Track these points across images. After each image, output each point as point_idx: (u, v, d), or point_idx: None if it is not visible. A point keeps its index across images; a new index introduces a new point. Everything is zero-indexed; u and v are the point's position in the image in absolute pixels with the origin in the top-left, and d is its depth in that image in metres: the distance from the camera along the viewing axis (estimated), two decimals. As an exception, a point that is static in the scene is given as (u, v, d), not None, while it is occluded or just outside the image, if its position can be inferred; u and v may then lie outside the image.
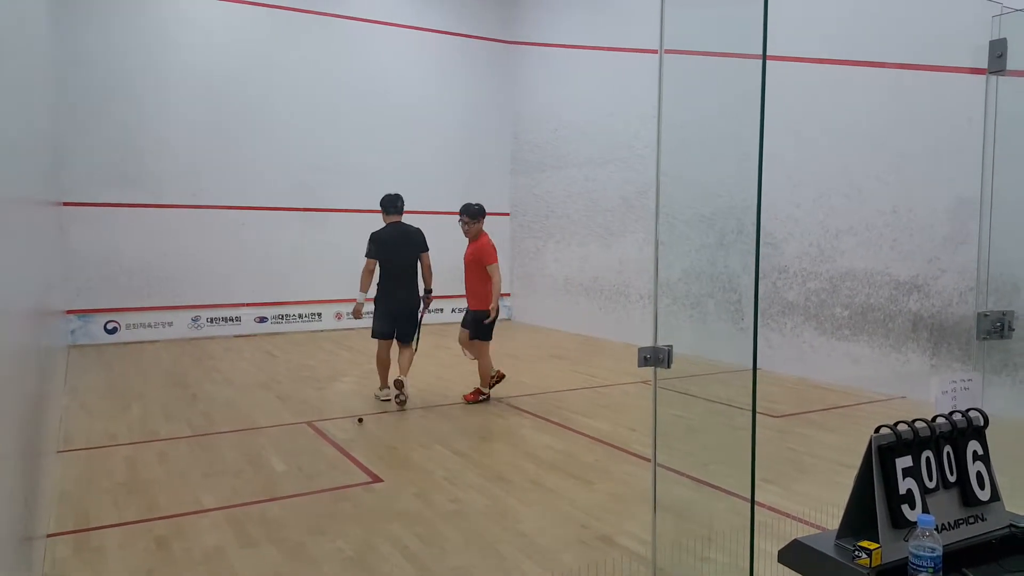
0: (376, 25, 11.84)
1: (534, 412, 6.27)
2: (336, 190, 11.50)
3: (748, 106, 2.20)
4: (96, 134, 9.89)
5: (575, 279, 11.53)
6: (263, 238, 11.01)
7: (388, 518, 3.90)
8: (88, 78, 9.82)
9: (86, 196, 9.80)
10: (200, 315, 10.61)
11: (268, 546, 3.57)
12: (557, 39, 11.87)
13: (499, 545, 3.59)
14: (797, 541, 1.73)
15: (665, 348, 2.42)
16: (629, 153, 10.29)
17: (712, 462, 4.36)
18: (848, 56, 7.27)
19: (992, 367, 4.51)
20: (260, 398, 6.80)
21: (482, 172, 12.77)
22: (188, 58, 10.46)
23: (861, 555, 1.57)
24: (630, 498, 4.24)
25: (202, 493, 4.30)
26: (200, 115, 10.56)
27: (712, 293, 7.95)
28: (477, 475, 4.61)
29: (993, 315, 2.78)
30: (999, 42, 2.74)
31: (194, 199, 10.58)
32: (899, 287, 6.92)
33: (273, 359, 8.99)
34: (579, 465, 4.84)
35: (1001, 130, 2.78)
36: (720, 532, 3.48)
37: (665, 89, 2.34)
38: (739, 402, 5.81)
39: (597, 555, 3.46)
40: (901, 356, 6.90)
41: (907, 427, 1.71)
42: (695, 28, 2.74)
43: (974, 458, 1.79)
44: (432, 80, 12.33)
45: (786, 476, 4.55)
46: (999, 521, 1.78)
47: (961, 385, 1.91)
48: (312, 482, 4.52)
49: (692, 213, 5.55)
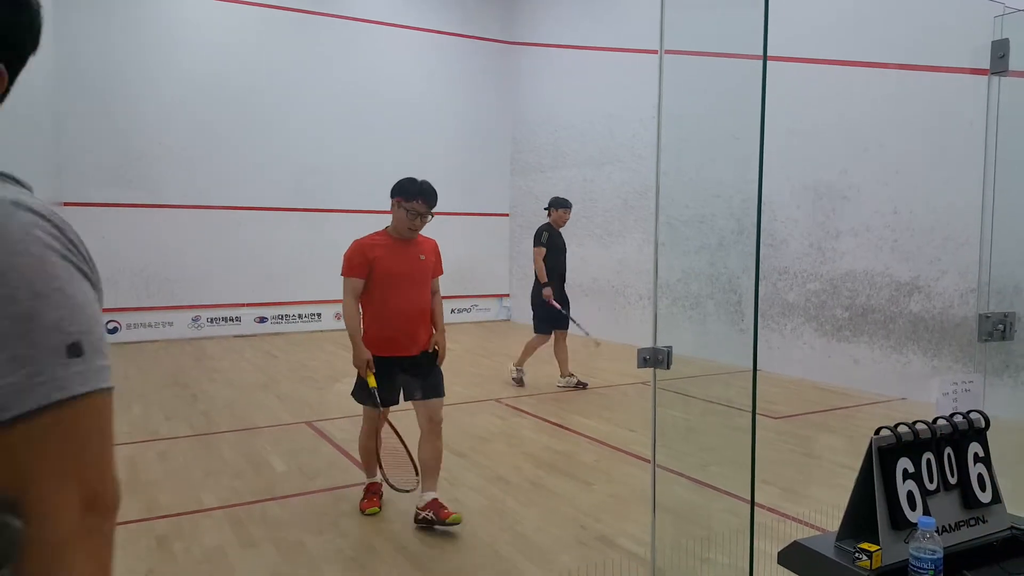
0: (376, 26, 11.84)
1: (533, 413, 6.27)
2: (336, 190, 11.50)
3: (748, 107, 2.19)
4: (95, 134, 9.89)
5: (574, 280, 11.50)
6: (263, 238, 11.01)
7: (388, 518, 3.90)
8: (87, 78, 9.82)
9: (86, 196, 9.79)
10: (200, 315, 10.61)
11: (268, 546, 3.57)
12: (557, 40, 11.87)
13: (498, 546, 3.58)
14: (797, 543, 1.73)
15: (665, 349, 2.41)
16: (629, 154, 10.29)
17: (712, 463, 4.35)
18: (849, 56, 7.27)
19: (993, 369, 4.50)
20: (260, 398, 6.80)
21: (481, 173, 12.78)
22: (188, 58, 10.47)
23: (861, 557, 1.56)
24: (629, 499, 4.24)
25: (202, 493, 4.29)
26: (200, 115, 10.56)
27: (712, 294, 7.95)
28: (476, 475, 4.60)
29: (994, 316, 2.77)
30: (1001, 42, 2.73)
31: (194, 199, 10.58)
32: (900, 288, 6.91)
33: (273, 359, 8.98)
34: (578, 466, 4.84)
35: (1003, 131, 2.78)
36: (720, 533, 3.47)
37: (665, 90, 2.33)
38: (739, 403, 5.81)
39: (596, 556, 3.45)
40: (902, 357, 6.90)
41: (908, 429, 1.71)
42: (695, 28, 2.74)
43: (975, 460, 1.78)
44: (432, 81, 12.33)
45: (786, 477, 4.55)
46: (1000, 523, 1.78)
47: (962, 387, 1.90)
48: (312, 482, 4.52)
49: (692, 214, 5.55)
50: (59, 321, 0.73)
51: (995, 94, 2.75)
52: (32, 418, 0.71)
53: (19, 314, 0.71)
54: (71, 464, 0.73)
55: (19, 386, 0.70)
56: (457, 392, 6.94)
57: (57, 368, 0.72)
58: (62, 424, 0.72)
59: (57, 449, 0.72)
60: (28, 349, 0.71)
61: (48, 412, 0.71)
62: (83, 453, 0.75)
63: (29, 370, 0.71)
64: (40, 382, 0.71)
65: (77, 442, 0.74)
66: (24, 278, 0.71)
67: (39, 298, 0.72)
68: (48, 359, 0.72)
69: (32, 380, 0.71)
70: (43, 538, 0.72)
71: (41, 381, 0.71)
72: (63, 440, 0.73)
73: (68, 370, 0.73)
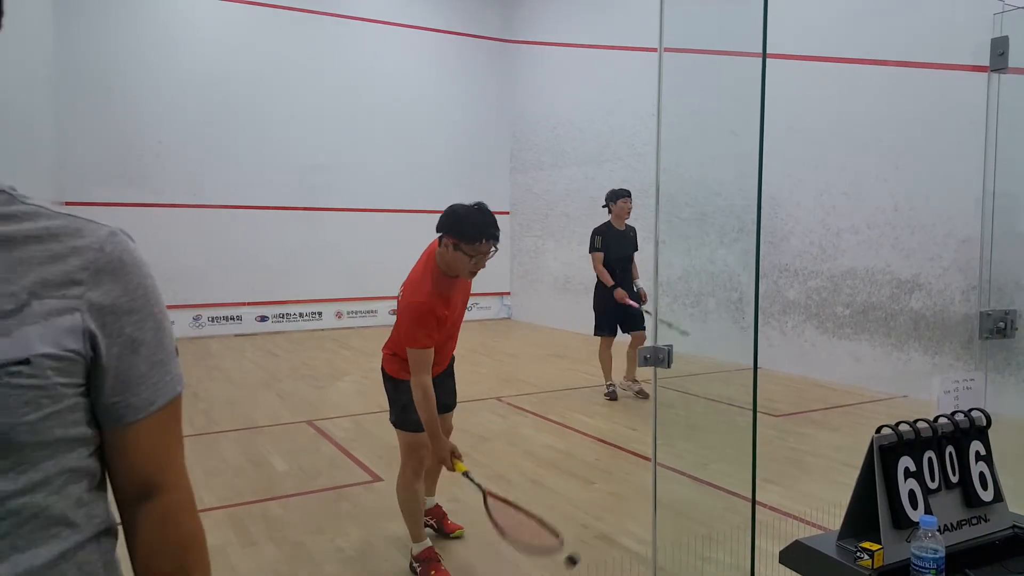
0: (375, 24, 11.83)
1: (534, 411, 6.26)
2: (336, 189, 11.49)
3: (748, 104, 2.19)
4: (96, 133, 9.88)
5: (575, 278, 11.51)
6: (264, 237, 11.00)
7: (388, 517, 3.89)
8: (87, 77, 9.81)
9: (86, 195, 9.78)
10: (201, 314, 10.61)
11: (268, 545, 3.57)
12: (557, 38, 11.85)
13: (498, 545, 3.58)
14: (799, 542, 1.72)
15: (665, 347, 2.40)
16: (629, 151, 10.28)
17: (713, 461, 4.35)
18: (849, 53, 7.25)
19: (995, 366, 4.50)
20: (261, 397, 6.80)
21: (481, 170, 12.77)
22: (188, 57, 10.45)
23: (863, 556, 1.56)
24: (630, 497, 4.23)
25: (203, 492, 4.29)
26: (200, 114, 10.55)
27: (712, 292, 7.95)
28: (477, 474, 4.59)
29: (995, 314, 2.76)
30: (1001, 40, 2.73)
31: (195, 198, 10.57)
32: (901, 286, 6.90)
33: (274, 358, 8.98)
34: (579, 464, 4.83)
35: (1003, 128, 2.77)
36: (721, 532, 3.47)
37: (665, 87, 2.32)
38: (740, 401, 5.82)
39: (597, 555, 3.45)
40: (903, 355, 6.89)
41: (909, 427, 1.70)
42: (695, 26, 2.73)
43: (977, 458, 1.78)
44: (432, 79, 12.32)
45: (787, 476, 4.54)
46: (1002, 522, 1.77)
47: (963, 385, 1.89)
48: (313, 481, 4.52)
49: (692, 212, 5.54)
50: (170, 328, 0.97)
51: (995, 91, 2.74)
52: (165, 408, 0.94)
53: (159, 326, 0.93)
54: (181, 440, 0.98)
55: (161, 384, 0.93)
56: (459, 392, 6.93)
57: (175, 366, 0.96)
58: (176, 410, 0.96)
59: (176, 430, 0.97)
60: (164, 354, 0.94)
61: (172, 402, 0.95)
62: (181, 434, 0.99)
63: (164, 370, 0.94)
64: (170, 379, 0.95)
65: (180, 424, 0.98)
66: (156, 295, 0.94)
67: (163, 311, 0.95)
68: (172, 360, 0.95)
69: (166, 378, 0.94)
70: (183, 501, 0.96)
71: (171, 378, 0.95)
72: (178, 422, 0.97)
73: (177, 367, 0.97)
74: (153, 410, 0.91)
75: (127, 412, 0.90)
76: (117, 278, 0.88)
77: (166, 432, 0.94)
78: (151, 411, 0.91)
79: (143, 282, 0.91)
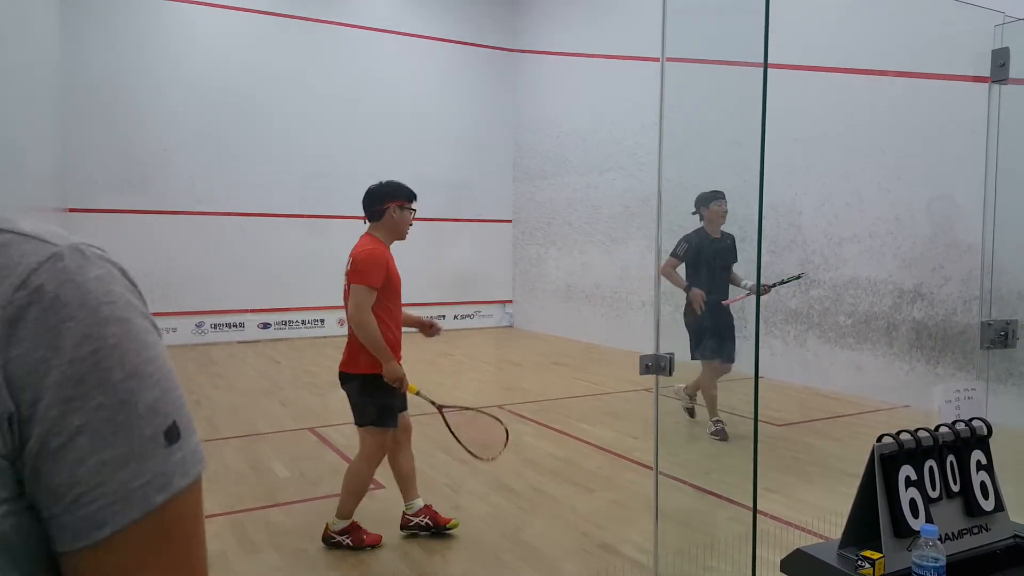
0: (379, 33, 11.89)
1: (536, 419, 6.26)
2: (339, 197, 11.50)
3: (749, 114, 2.20)
4: (100, 141, 9.94)
5: (577, 286, 11.53)
6: (266, 244, 11.04)
7: (390, 525, 3.89)
8: (92, 86, 9.87)
9: (91, 202, 9.83)
10: (204, 321, 10.63)
11: (270, 552, 3.57)
12: (559, 47, 11.91)
13: (500, 553, 3.58)
14: (800, 550, 1.73)
15: (667, 356, 2.41)
16: (631, 160, 10.31)
17: (714, 470, 4.35)
18: (850, 64, 7.28)
19: (996, 376, 4.49)
20: (263, 404, 6.80)
21: (484, 179, 12.81)
22: (193, 66, 10.52)
23: (864, 565, 1.56)
24: (632, 506, 4.23)
25: (205, 498, 4.27)
26: (203, 122, 10.60)
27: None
28: (479, 482, 4.60)
29: (997, 324, 2.77)
30: (1002, 51, 2.74)
31: (198, 205, 10.61)
32: (903, 295, 6.90)
33: (276, 365, 8.99)
34: (581, 473, 4.83)
35: (1003, 139, 2.79)
36: (722, 540, 3.47)
37: (667, 97, 2.34)
38: (741, 410, 5.80)
39: (599, 563, 3.44)
40: (905, 365, 6.88)
41: (910, 436, 1.71)
42: (697, 36, 2.75)
43: (978, 468, 1.78)
44: (435, 87, 12.37)
45: (788, 485, 4.53)
46: (1003, 531, 1.77)
47: (965, 394, 1.90)
48: (314, 488, 4.52)
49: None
50: (155, 402, 0.59)
51: (996, 102, 2.76)
52: (131, 529, 0.57)
53: (113, 402, 0.56)
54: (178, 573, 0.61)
55: (116, 494, 0.56)
56: (460, 399, 6.93)
57: (157, 462, 0.58)
58: (165, 527, 0.59)
59: (162, 562, 0.59)
60: (124, 446, 0.56)
61: (150, 517, 0.57)
62: (189, 557, 0.62)
63: (126, 472, 0.56)
64: (138, 486, 0.57)
65: (181, 543, 0.61)
66: (116, 352, 0.57)
67: (134, 377, 0.58)
68: (147, 453, 0.58)
69: (129, 485, 0.56)
70: None
71: (140, 484, 0.57)
72: (168, 546, 0.60)
73: (168, 462, 0.59)
74: (101, 537, 0.55)
75: (60, 536, 0.56)
76: (42, 328, 0.54)
77: (133, 567, 0.58)
78: (97, 538, 0.55)
79: (93, 332, 0.56)
